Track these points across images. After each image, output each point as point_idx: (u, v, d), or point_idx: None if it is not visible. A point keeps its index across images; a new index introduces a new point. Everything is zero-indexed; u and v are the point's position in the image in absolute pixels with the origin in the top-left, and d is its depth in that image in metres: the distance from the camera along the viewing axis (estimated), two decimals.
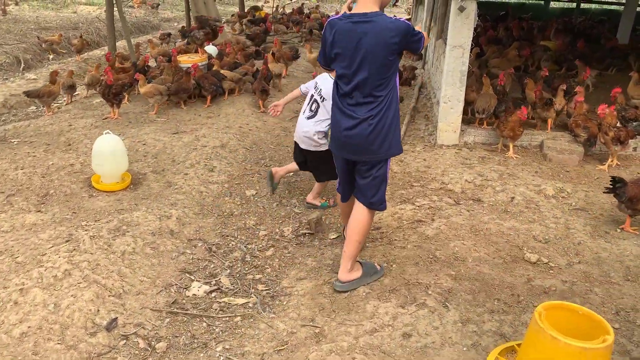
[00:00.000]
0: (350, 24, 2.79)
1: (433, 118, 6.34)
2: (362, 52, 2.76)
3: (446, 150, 5.19)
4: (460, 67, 5.14)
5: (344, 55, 2.82)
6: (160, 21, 16.49)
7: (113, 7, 7.71)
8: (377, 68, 2.78)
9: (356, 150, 2.93)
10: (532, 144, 5.36)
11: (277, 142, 5.72)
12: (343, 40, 2.82)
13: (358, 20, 2.77)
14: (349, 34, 2.78)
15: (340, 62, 2.87)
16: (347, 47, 2.80)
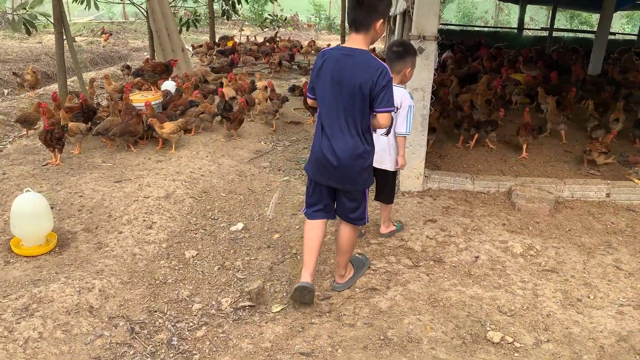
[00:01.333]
0: (339, 55, 2.96)
1: None
2: (349, 86, 2.90)
3: (408, 199, 4.83)
4: (421, 111, 4.81)
5: (330, 83, 2.96)
6: (129, 51, 16.11)
7: (63, 40, 7.29)
8: (359, 101, 2.92)
9: (342, 178, 3.09)
10: (500, 190, 5.02)
11: (230, 189, 5.30)
12: (330, 69, 2.95)
13: (347, 53, 2.94)
14: (338, 63, 2.93)
15: (324, 89, 3.00)
16: (334, 76, 2.94)
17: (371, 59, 2.90)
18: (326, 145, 3.04)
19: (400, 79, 3.74)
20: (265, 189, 5.35)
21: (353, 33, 2.97)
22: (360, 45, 2.95)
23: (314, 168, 3.15)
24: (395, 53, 3.69)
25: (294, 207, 4.87)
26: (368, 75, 2.86)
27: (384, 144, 3.80)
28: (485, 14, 23.82)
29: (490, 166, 5.70)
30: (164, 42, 10.35)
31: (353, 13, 2.93)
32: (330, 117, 3.02)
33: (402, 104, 3.68)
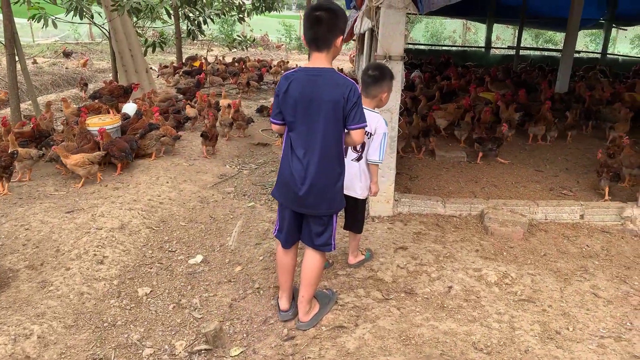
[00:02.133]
0: (305, 76, 2.87)
1: None
2: (320, 105, 2.83)
3: (378, 225, 4.62)
4: (390, 133, 4.62)
5: (300, 106, 2.87)
6: (94, 72, 15.70)
7: (15, 61, 6.94)
8: (332, 121, 2.86)
9: (314, 202, 2.98)
10: (472, 213, 4.85)
11: (191, 218, 5.01)
12: (298, 91, 2.86)
13: (314, 73, 2.86)
14: (306, 85, 2.85)
15: (294, 112, 2.90)
16: (303, 98, 2.85)
17: (339, 77, 2.87)
18: (298, 168, 2.95)
19: (375, 103, 3.59)
20: (229, 216, 5.07)
21: (315, 52, 2.90)
22: (325, 64, 2.89)
23: (284, 192, 3.06)
24: (372, 77, 3.53)
25: (258, 235, 4.60)
26: (339, 93, 2.82)
27: (355, 169, 3.60)
28: (453, 34, 24.14)
29: (461, 188, 5.55)
30: (127, 63, 10.04)
31: (312, 31, 2.86)
32: (302, 140, 2.93)
33: (376, 131, 3.51)
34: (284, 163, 3.02)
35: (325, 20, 2.80)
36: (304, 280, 3.19)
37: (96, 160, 5.57)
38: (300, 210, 3.04)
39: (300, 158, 2.93)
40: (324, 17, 2.80)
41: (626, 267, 4.11)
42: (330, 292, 3.53)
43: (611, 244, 4.49)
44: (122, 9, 7.89)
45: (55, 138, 6.28)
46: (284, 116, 2.97)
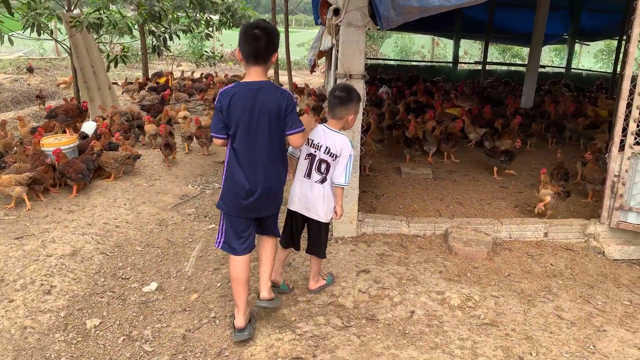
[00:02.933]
0: (247, 90, 3.07)
1: None
2: (263, 116, 3.06)
3: (341, 246, 4.50)
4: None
5: (245, 119, 3.06)
6: (57, 88, 15.31)
7: None
8: (275, 129, 3.11)
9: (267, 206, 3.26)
10: (436, 232, 4.78)
11: (148, 242, 4.81)
12: (241, 105, 3.05)
13: (255, 87, 3.07)
14: (248, 98, 3.05)
15: (239, 125, 3.07)
16: (247, 111, 3.05)
17: (276, 87, 3.14)
18: (251, 178, 3.12)
19: (341, 125, 3.53)
20: (188, 239, 4.90)
21: (253, 66, 3.09)
22: (262, 77, 3.13)
23: (233, 202, 3.20)
24: (338, 98, 3.48)
25: (217, 260, 4.44)
26: (279, 102, 3.08)
27: (319, 192, 3.52)
28: (422, 49, 24.40)
29: (426, 206, 5.49)
30: (89, 79, 9.78)
31: (252, 47, 3.05)
32: (250, 151, 3.12)
33: (342, 152, 3.45)
34: (232, 174, 3.16)
35: (263, 37, 3.02)
36: (269, 260, 3.45)
37: (24, 181, 5.30)
38: (253, 216, 3.26)
39: (248, 167, 3.12)
40: (263, 35, 3.02)
41: (589, 286, 4.08)
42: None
43: (575, 262, 4.46)
44: (80, 25, 7.68)
45: (8, 160, 6.02)
46: (227, 130, 3.12)
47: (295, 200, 3.57)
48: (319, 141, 3.46)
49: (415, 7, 3.86)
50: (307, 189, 3.51)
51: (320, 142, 3.46)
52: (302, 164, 3.52)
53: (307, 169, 3.50)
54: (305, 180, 3.52)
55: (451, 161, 7.17)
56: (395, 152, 7.62)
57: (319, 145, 3.46)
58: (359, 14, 4.24)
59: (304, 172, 3.51)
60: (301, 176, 3.53)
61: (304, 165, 3.51)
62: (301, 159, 3.53)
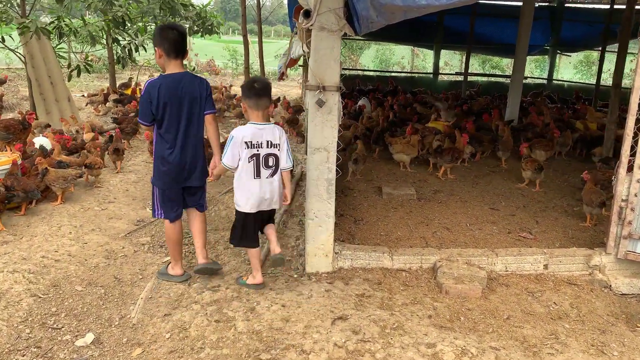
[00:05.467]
0: (172, 80, 3.67)
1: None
2: (186, 102, 3.71)
3: (314, 286, 3.88)
4: (327, 175, 3.95)
5: (172, 105, 3.67)
6: (20, 100, 14.45)
7: None
8: (197, 112, 3.78)
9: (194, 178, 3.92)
10: (423, 266, 4.20)
11: (90, 280, 4.13)
12: (168, 94, 3.64)
13: (179, 77, 3.69)
14: (173, 88, 3.65)
15: (168, 113, 3.68)
16: (173, 99, 3.65)
17: (195, 77, 3.81)
18: (179, 155, 3.76)
19: (266, 115, 3.87)
20: (138, 276, 4.23)
21: (175, 60, 3.71)
22: (182, 69, 3.76)
23: (170, 178, 3.82)
24: (261, 90, 3.70)
25: (169, 302, 3.78)
26: (200, 88, 3.77)
27: (275, 185, 3.77)
28: (402, 60, 24.04)
29: (411, 232, 4.91)
30: (46, 91, 9.07)
31: (179, 45, 3.70)
32: (176, 133, 3.73)
33: (280, 139, 3.74)
34: (162, 154, 3.76)
35: (184, 34, 3.77)
36: (202, 232, 4.11)
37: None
38: (188, 184, 3.89)
39: (180, 147, 3.74)
40: (183, 32, 3.78)
41: (601, 330, 3.53)
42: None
43: (581, 300, 3.91)
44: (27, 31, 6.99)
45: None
46: (154, 117, 3.68)
47: (258, 203, 3.72)
48: (258, 140, 3.65)
49: (398, 5, 3.31)
50: (265, 187, 3.70)
51: (260, 140, 3.65)
52: (247, 168, 3.65)
53: (255, 170, 3.66)
54: (255, 181, 3.67)
55: (447, 178, 6.64)
56: (377, 169, 7.06)
57: (259, 143, 3.65)
58: (333, 16, 3.67)
59: (252, 174, 3.66)
60: (249, 179, 3.66)
61: (250, 168, 3.65)
62: (244, 164, 3.64)
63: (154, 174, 3.88)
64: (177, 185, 3.86)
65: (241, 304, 3.67)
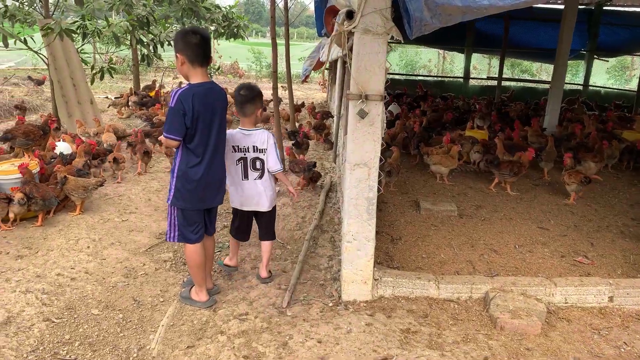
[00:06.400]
0: (203, 90, 3.37)
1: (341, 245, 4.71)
2: (218, 113, 3.48)
3: (353, 317, 3.49)
4: (367, 193, 3.56)
5: (204, 118, 3.37)
6: (44, 101, 14.37)
7: None
8: (224, 124, 3.56)
9: (221, 195, 3.71)
10: (473, 296, 3.78)
11: (108, 302, 3.81)
12: (201, 105, 3.33)
13: (209, 86, 3.44)
14: (205, 98, 3.37)
15: (200, 125, 3.36)
16: (206, 111, 3.38)
17: (220, 86, 3.57)
18: (209, 171, 3.47)
19: (254, 121, 3.83)
20: (159, 298, 3.89)
21: (200, 68, 3.39)
22: (208, 77, 3.47)
23: (197, 198, 3.49)
24: (245, 97, 3.74)
25: (193, 332, 3.43)
26: (225, 99, 3.58)
27: (261, 187, 3.87)
28: (428, 63, 23.53)
29: (455, 254, 4.48)
30: (68, 93, 8.85)
31: (204, 51, 3.37)
32: (208, 146, 3.43)
33: (267, 143, 3.82)
34: (192, 172, 3.41)
35: (208, 39, 3.40)
36: (211, 258, 3.92)
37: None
38: (213, 205, 3.68)
39: (209, 163, 3.45)
40: (207, 37, 3.39)
41: None
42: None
43: None
44: (52, 33, 6.74)
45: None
46: (187, 131, 3.31)
47: (245, 201, 3.90)
48: (245, 144, 3.79)
49: (457, 6, 2.92)
50: (251, 188, 3.85)
51: (246, 144, 3.79)
52: (236, 169, 3.82)
53: (242, 171, 3.82)
54: (244, 182, 3.84)
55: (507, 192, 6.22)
56: (411, 180, 6.64)
57: (246, 147, 3.79)
58: (379, 17, 3.28)
59: (240, 175, 3.83)
60: (239, 180, 3.84)
61: (238, 170, 3.83)
62: (232, 166, 3.81)
63: (174, 194, 3.48)
64: (203, 205, 3.58)
65: (272, 337, 3.30)
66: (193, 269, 3.67)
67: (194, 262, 3.64)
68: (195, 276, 3.70)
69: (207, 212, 3.70)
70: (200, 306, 3.71)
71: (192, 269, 3.69)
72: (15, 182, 5.02)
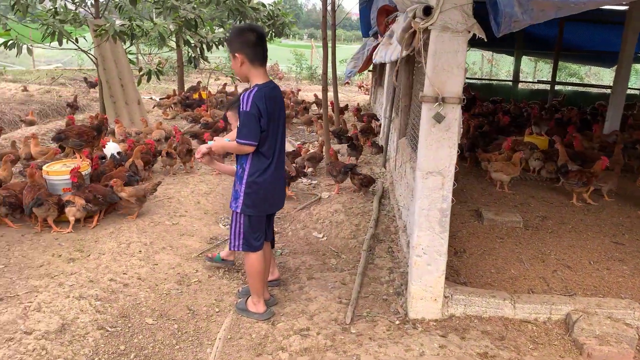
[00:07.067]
0: (269, 90, 3.20)
1: (400, 256, 4.47)
2: (282, 115, 3.36)
3: (424, 337, 3.23)
4: (440, 204, 3.31)
5: (274, 119, 3.24)
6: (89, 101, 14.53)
7: None
8: (284, 126, 3.44)
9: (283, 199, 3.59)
10: (552, 318, 3.47)
11: (162, 310, 3.66)
12: (271, 106, 3.18)
13: (273, 85, 3.28)
14: (274, 99, 3.22)
15: (271, 128, 3.22)
16: (275, 112, 3.24)
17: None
18: (278, 174, 3.38)
19: None
20: (214, 308, 3.72)
21: (261, 67, 3.23)
22: (268, 77, 3.29)
23: (268, 204, 3.39)
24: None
25: (252, 346, 3.24)
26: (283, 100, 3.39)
27: None
28: (473, 65, 22.96)
29: (526, 270, 4.17)
30: (116, 93, 8.88)
31: (263, 49, 3.22)
32: (275, 149, 3.29)
33: None
34: (262, 177, 3.26)
35: (264, 36, 3.24)
36: (269, 264, 3.72)
37: None
38: (279, 208, 3.61)
39: (276, 167, 3.32)
40: (264, 34, 3.23)
41: None
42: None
43: None
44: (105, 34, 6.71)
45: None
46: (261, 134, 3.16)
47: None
48: None
49: (552, 1, 2.63)
50: None
51: None
52: None
53: None
54: None
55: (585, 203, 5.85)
56: (468, 187, 6.33)
57: None
58: (460, 13, 3.03)
59: None
60: None
61: None
62: None
63: (244, 200, 3.31)
64: (271, 209, 3.49)
65: (337, 356, 3.08)
66: (253, 277, 3.51)
67: (255, 271, 3.49)
68: (254, 286, 3.54)
69: (268, 216, 3.57)
70: (258, 318, 3.52)
71: (252, 278, 3.53)
72: (67, 182, 4.95)
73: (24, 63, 21.14)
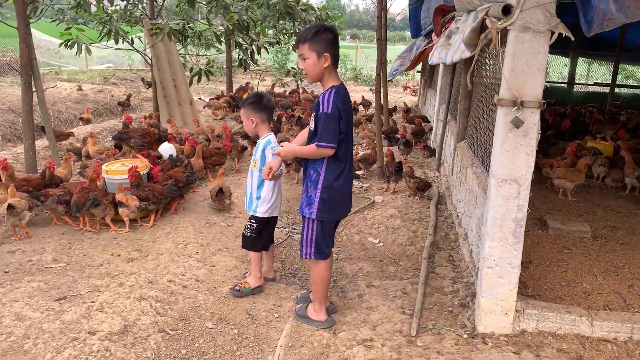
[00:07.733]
0: (344, 91, 3.15)
1: (462, 265, 4.30)
2: (352, 116, 3.25)
3: (495, 355, 3.05)
4: (515, 214, 3.13)
5: (348, 121, 3.16)
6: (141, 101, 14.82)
7: (32, 91, 5.84)
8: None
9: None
10: (633, 337, 3.24)
11: (221, 315, 3.62)
12: (347, 107, 3.15)
13: (344, 87, 3.19)
14: (348, 100, 3.18)
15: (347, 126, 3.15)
16: (349, 113, 3.18)
17: None
18: (350, 178, 3.29)
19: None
20: (273, 313, 3.66)
21: (336, 68, 3.15)
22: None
23: (342, 208, 3.32)
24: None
25: (314, 356, 3.15)
26: None
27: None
28: None
29: (599, 284, 3.93)
30: (169, 93, 8.99)
31: (339, 50, 3.13)
32: (349, 151, 3.22)
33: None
34: (337, 181, 3.17)
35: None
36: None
37: None
38: (349, 213, 3.53)
39: (349, 169, 3.24)
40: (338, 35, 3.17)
41: None
42: None
43: None
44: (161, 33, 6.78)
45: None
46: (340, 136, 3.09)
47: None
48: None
49: None
50: None
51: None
52: None
53: None
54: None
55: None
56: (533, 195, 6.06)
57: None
58: (542, 13, 2.85)
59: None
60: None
61: None
62: None
63: (319, 206, 3.21)
64: (344, 214, 3.40)
65: None
66: (319, 285, 3.43)
67: (321, 279, 3.41)
68: (317, 293, 3.46)
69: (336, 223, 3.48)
70: (319, 326, 3.43)
71: (317, 285, 3.44)
72: (125, 182, 4.99)
73: (77, 63, 21.84)
